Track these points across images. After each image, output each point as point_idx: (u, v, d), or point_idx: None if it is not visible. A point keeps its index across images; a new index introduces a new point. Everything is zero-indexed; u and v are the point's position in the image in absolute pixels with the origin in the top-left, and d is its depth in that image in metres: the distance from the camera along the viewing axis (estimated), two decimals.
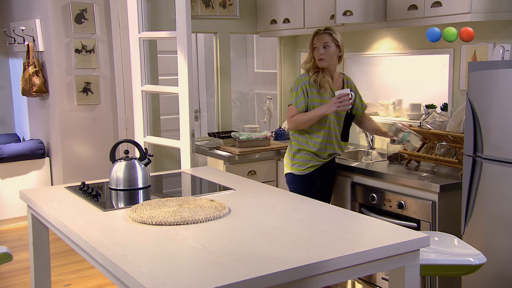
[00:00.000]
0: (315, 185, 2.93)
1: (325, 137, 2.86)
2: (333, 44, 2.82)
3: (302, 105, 2.83)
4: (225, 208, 2.03)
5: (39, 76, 4.32)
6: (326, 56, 2.80)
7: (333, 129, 2.88)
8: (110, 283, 3.27)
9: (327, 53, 2.80)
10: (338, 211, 2.06)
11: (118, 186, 2.41)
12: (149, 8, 3.93)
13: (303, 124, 2.82)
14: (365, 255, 1.60)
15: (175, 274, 1.45)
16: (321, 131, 2.85)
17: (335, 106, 2.73)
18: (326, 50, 2.81)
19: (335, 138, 2.90)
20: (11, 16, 4.91)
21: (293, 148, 2.92)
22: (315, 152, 2.87)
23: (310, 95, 2.83)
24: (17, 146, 4.48)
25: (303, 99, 2.82)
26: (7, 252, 2.10)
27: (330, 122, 2.86)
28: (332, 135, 2.89)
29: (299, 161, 2.89)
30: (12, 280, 3.35)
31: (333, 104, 2.73)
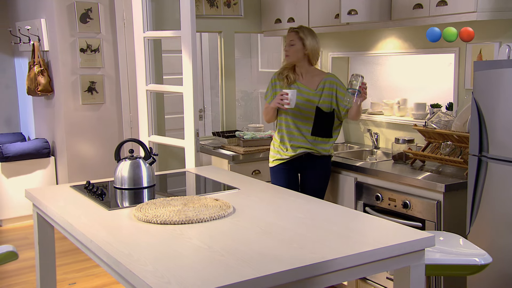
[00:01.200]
0: (287, 180, 2.99)
1: (286, 131, 2.98)
2: (298, 42, 2.94)
3: (268, 99, 3.04)
4: (229, 208, 2.03)
5: (44, 75, 4.33)
6: (290, 53, 2.95)
7: (296, 123, 2.96)
8: (115, 282, 3.29)
9: (291, 50, 2.95)
10: (342, 210, 2.06)
11: (123, 185, 2.42)
12: (153, 7, 3.93)
13: (265, 116, 3.04)
14: (369, 255, 1.59)
15: (180, 273, 1.46)
16: (282, 125, 2.99)
17: (276, 102, 2.88)
18: (290, 48, 2.95)
19: (302, 132, 2.96)
20: (17, 15, 4.93)
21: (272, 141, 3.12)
22: (278, 145, 3.02)
23: (278, 89, 2.99)
24: (22, 145, 4.50)
25: (270, 93, 3.04)
26: (12, 250, 2.11)
27: (290, 116, 2.95)
28: (295, 129, 2.96)
29: (271, 153, 3.09)
30: (18, 279, 3.37)
31: (275, 100, 2.89)
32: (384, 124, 3.56)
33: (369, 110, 3.71)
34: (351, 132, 3.84)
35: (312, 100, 2.94)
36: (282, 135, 3.00)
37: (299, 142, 2.96)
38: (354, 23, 3.26)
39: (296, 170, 3.02)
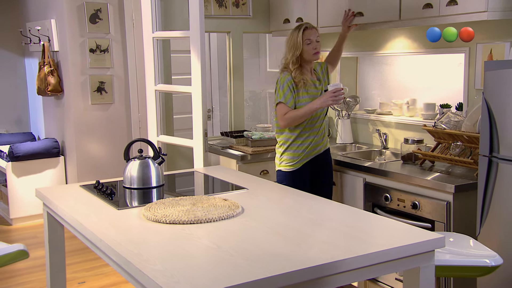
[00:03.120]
0: (306, 181, 2.97)
1: (315, 131, 2.94)
2: (319, 42, 2.96)
3: (291, 101, 2.86)
4: (238, 207, 2.03)
5: (54, 75, 4.36)
6: (319, 49, 2.95)
7: (323, 124, 3.00)
8: (124, 281, 3.30)
9: (319, 46, 2.95)
10: (352, 211, 2.05)
11: (132, 185, 2.43)
12: (162, 7, 3.95)
13: (298, 120, 2.86)
14: (379, 255, 1.59)
15: (190, 273, 1.46)
16: (314, 126, 2.93)
17: (330, 100, 2.79)
18: (318, 44, 2.94)
19: (323, 132, 3.00)
20: (27, 16, 4.97)
21: (282, 145, 2.96)
22: (305, 147, 2.92)
23: (296, 91, 2.88)
24: (32, 145, 4.54)
25: (290, 95, 2.86)
26: (23, 249, 2.13)
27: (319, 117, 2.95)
28: (322, 129, 2.99)
29: (287, 158, 2.94)
30: (28, 277, 3.39)
31: (329, 98, 2.79)
32: (393, 124, 3.54)
33: (378, 110, 3.70)
34: (359, 132, 3.83)
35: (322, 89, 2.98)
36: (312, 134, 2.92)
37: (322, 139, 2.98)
38: (363, 24, 3.25)
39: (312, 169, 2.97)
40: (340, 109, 3.78)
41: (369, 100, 3.88)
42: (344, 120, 3.77)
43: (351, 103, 3.77)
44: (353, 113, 3.82)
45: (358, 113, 3.82)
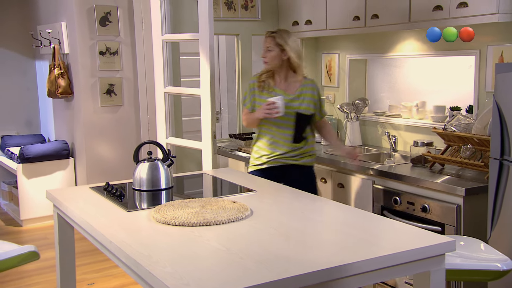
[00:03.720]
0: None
1: (271, 138, 2.87)
2: (275, 47, 2.83)
3: (248, 104, 2.92)
4: (247, 210, 2.03)
5: (64, 78, 4.40)
6: (268, 59, 2.86)
7: (280, 131, 2.86)
8: (133, 282, 3.31)
9: (269, 56, 2.85)
10: (361, 213, 2.05)
11: (141, 187, 2.44)
12: (171, 10, 3.96)
13: (251, 124, 2.92)
14: (389, 258, 1.58)
15: (199, 275, 1.46)
16: (268, 132, 2.88)
17: (263, 112, 2.77)
18: (268, 53, 2.85)
19: (283, 140, 2.87)
20: (38, 19, 5.01)
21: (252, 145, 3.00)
22: (263, 153, 2.89)
23: (257, 95, 2.88)
24: (42, 146, 4.57)
25: (248, 99, 2.92)
26: (34, 250, 2.14)
27: (274, 124, 2.85)
28: (279, 137, 2.87)
29: (252, 158, 2.97)
30: (38, 278, 3.42)
31: (262, 111, 2.77)
32: (403, 126, 3.53)
33: (387, 113, 3.69)
34: (368, 135, 3.81)
35: (291, 106, 2.83)
36: (262, 141, 2.89)
37: (282, 146, 2.86)
38: (374, 26, 3.24)
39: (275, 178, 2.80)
40: (349, 111, 3.77)
41: (378, 102, 3.87)
42: (353, 123, 3.76)
43: (360, 106, 3.76)
44: (362, 116, 3.81)
45: (367, 115, 3.81)
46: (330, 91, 4.15)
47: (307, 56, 4.23)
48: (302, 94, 2.88)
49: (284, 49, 2.82)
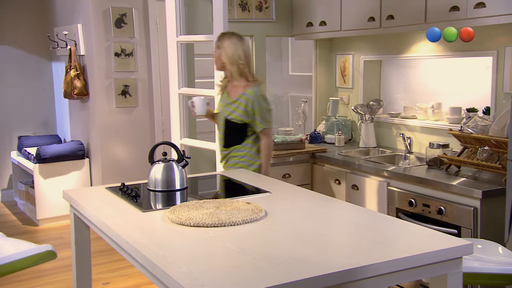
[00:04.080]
0: None
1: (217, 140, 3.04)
2: (217, 50, 2.88)
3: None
4: (261, 211, 2.03)
5: (80, 79, 4.45)
6: (216, 60, 2.92)
7: (218, 133, 3.03)
8: (148, 282, 3.33)
9: (215, 58, 2.93)
10: (376, 216, 2.03)
11: (156, 188, 2.45)
12: (186, 12, 3.99)
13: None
14: (406, 261, 1.56)
15: (214, 276, 1.47)
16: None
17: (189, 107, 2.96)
18: (215, 53, 2.92)
19: (219, 142, 3.02)
20: (55, 21, 5.08)
21: None
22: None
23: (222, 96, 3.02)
24: (58, 147, 4.62)
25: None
26: (51, 250, 2.17)
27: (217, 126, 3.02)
28: (217, 139, 3.05)
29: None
30: (54, 278, 3.46)
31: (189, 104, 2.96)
32: (418, 128, 3.50)
33: (402, 114, 3.66)
34: (383, 136, 3.79)
35: (225, 111, 2.86)
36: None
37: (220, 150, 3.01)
38: (389, 27, 3.22)
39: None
40: (363, 113, 3.75)
41: (393, 103, 3.84)
42: (367, 124, 3.74)
43: (375, 107, 3.74)
44: (376, 117, 3.78)
45: (382, 116, 3.78)
46: (344, 92, 4.13)
47: (321, 57, 4.23)
48: (237, 102, 2.86)
49: (221, 53, 2.85)
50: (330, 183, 3.49)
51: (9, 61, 5.26)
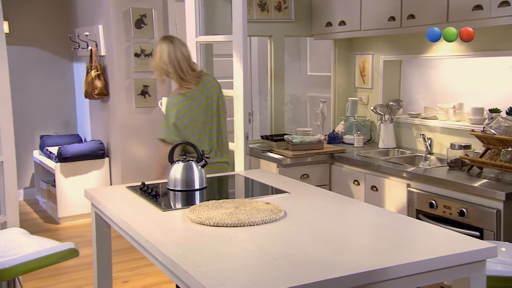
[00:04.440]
0: None
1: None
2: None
3: None
4: (281, 211, 2.03)
5: (100, 79, 4.51)
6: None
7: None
8: (167, 281, 3.36)
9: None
10: (396, 217, 2.01)
11: (175, 187, 2.47)
12: (205, 12, 4.00)
13: None
14: (427, 264, 1.55)
15: (234, 275, 1.47)
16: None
17: None
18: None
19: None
20: (77, 22, 5.16)
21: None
22: None
23: None
24: (79, 146, 4.69)
25: None
26: (74, 248, 2.20)
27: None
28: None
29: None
30: (75, 275, 3.51)
31: None
32: (438, 129, 3.45)
33: (422, 115, 3.62)
34: (402, 137, 3.75)
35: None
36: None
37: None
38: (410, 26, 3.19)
39: None
40: (383, 113, 3.71)
41: (413, 104, 3.80)
42: (386, 124, 3.71)
43: (394, 107, 3.70)
44: (396, 117, 3.75)
45: (402, 117, 3.74)
46: (363, 93, 4.10)
47: (340, 57, 4.20)
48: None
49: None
50: (348, 184, 3.46)
51: (33, 62, 5.36)
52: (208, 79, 2.81)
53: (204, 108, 2.75)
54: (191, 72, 2.73)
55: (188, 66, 2.73)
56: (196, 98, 2.74)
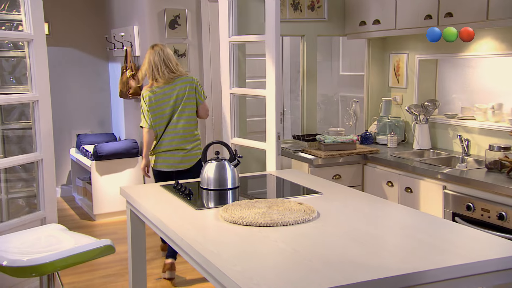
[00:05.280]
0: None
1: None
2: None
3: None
4: (314, 212, 2.02)
5: (135, 79, 4.59)
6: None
7: None
8: (200, 278, 3.39)
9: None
10: (432, 219, 1.97)
11: (209, 186, 2.49)
12: (238, 12, 4.02)
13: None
14: (466, 268, 1.51)
15: (268, 275, 1.47)
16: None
17: None
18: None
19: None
20: (112, 23, 5.27)
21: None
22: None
23: None
24: (114, 145, 4.79)
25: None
26: (110, 244, 2.25)
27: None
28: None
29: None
30: (110, 271, 3.58)
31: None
32: (476, 130, 3.36)
33: (459, 115, 3.53)
34: (438, 138, 3.67)
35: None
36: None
37: None
38: (448, 25, 3.11)
39: None
40: (418, 113, 3.64)
41: (449, 104, 3.71)
42: (421, 125, 3.63)
43: (430, 107, 3.62)
44: (431, 118, 3.67)
45: (437, 117, 3.66)
46: (397, 92, 4.03)
47: (373, 57, 4.14)
48: None
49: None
50: (382, 185, 3.41)
51: (71, 62, 5.51)
52: (181, 80, 3.36)
53: (173, 101, 3.33)
54: (166, 74, 3.32)
55: (165, 67, 3.33)
56: (165, 92, 3.33)
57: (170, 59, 3.34)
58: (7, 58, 3.42)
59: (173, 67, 3.34)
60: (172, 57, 3.37)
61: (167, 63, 3.32)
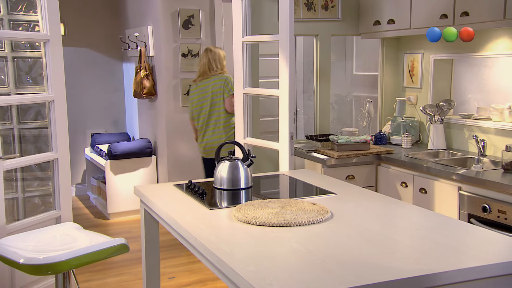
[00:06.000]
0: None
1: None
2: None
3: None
4: (327, 212, 2.01)
5: (149, 79, 4.62)
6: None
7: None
8: (212, 278, 3.40)
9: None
10: (447, 220, 1.95)
11: (222, 186, 2.49)
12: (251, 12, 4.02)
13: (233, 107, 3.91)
14: (483, 270, 1.49)
15: (281, 276, 1.47)
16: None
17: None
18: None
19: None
20: (127, 23, 5.31)
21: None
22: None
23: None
24: (128, 144, 4.83)
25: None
26: (124, 243, 2.27)
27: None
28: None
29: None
30: (124, 269, 3.61)
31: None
32: (492, 130, 3.31)
33: (475, 115, 3.48)
34: (453, 138, 3.63)
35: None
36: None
37: None
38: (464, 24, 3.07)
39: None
40: (433, 114, 3.60)
41: (465, 104, 3.66)
42: (436, 125, 3.59)
43: (445, 107, 3.58)
44: (446, 118, 3.63)
45: (453, 117, 3.62)
46: (412, 92, 3.99)
47: (387, 56, 4.11)
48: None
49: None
50: (396, 186, 3.39)
51: (86, 62, 5.56)
52: (215, 78, 3.87)
53: (209, 95, 3.87)
54: (208, 72, 3.89)
55: (207, 67, 3.89)
56: (203, 87, 3.89)
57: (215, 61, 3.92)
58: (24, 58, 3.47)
59: (216, 67, 3.91)
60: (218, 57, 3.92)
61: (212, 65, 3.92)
